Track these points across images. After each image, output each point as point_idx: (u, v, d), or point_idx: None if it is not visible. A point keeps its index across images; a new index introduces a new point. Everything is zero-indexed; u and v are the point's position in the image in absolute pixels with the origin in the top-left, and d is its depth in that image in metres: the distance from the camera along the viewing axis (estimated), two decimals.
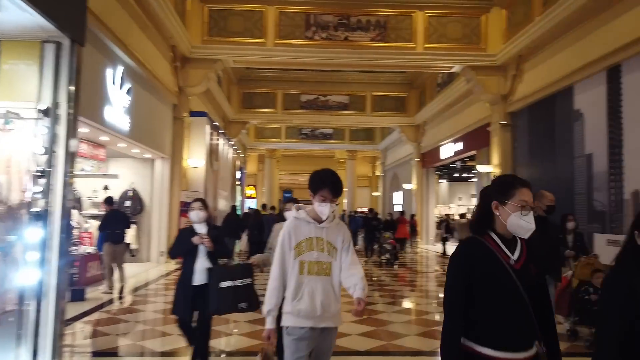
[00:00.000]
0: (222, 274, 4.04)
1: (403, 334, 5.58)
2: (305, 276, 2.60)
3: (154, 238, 12.49)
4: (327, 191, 2.62)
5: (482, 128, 14.54)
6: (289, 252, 2.64)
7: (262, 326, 2.67)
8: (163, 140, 12.16)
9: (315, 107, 21.42)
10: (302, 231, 2.66)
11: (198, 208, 4.35)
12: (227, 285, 3.97)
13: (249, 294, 4.07)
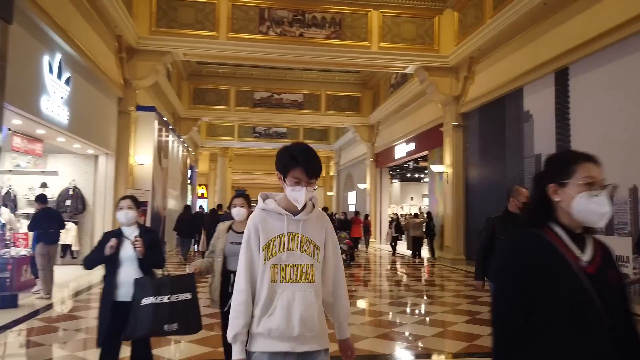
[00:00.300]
0: (144, 287, 3.26)
1: (361, 336, 5.43)
2: (279, 284, 1.96)
3: (97, 239, 11.75)
4: (301, 171, 1.97)
5: (435, 129, 14.72)
6: (257, 254, 1.99)
7: (218, 331, 2.38)
8: (107, 136, 11.50)
9: (269, 105, 21.09)
10: (272, 226, 2.02)
11: (127, 207, 3.58)
12: (148, 302, 3.18)
13: (184, 312, 3.26)
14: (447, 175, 13.35)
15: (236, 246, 3.30)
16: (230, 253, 3.55)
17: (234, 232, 3.68)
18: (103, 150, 11.42)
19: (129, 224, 3.60)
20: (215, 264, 3.65)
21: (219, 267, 3.59)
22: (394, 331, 5.55)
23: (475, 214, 12.50)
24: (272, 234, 2.00)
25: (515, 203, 4.23)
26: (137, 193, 11.82)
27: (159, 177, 13.98)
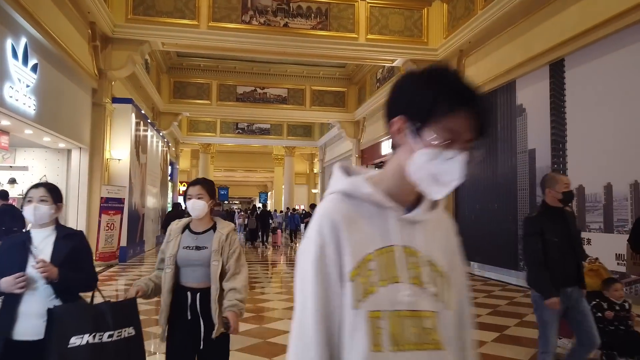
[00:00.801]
0: (71, 320, 2.24)
1: None
2: (389, 353, 0.96)
3: None
4: (468, 118, 1.05)
5: None
6: (338, 285, 1.00)
7: None
8: (80, 129, 10.85)
9: (252, 100, 20.53)
10: (366, 231, 1.04)
11: (38, 199, 2.42)
12: (81, 342, 2.19)
13: (128, 355, 2.36)
14: None
15: (192, 252, 2.67)
16: (184, 262, 2.66)
17: (190, 232, 2.76)
18: (76, 144, 10.77)
19: (42, 224, 2.46)
20: (164, 277, 2.68)
21: (169, 282, 2.63)
22: None
23: (463, 210, 12.18)
24: (366, 246, 1.02)
25: (553, 194, 3.38)
26: (114, 190, 11.23)
27: (137, 173, 13.36)
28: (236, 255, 2.71)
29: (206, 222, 2.78)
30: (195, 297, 2.62)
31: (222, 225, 2.78)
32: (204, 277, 2.64)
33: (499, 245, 10.40)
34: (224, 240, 2.69)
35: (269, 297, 7.43)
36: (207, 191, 2.76)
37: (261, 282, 9.35)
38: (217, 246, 2.65)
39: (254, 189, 49.94)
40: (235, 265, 2.69)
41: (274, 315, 6.19)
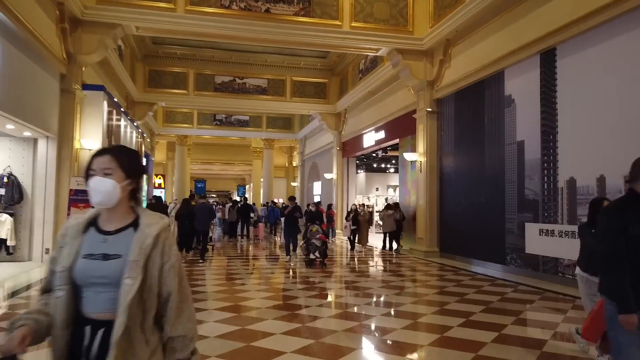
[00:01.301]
0: None
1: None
2: None
3: (37, 233, 10.49)
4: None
5: (406, 116, 14.08)
6: None
7: None
8: (47, 116, 10.18)
9: (231, 90, 19.95)
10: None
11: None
12: None
13: None
14: (420, 164, 12.73)
15: (97, 263, 1.64)
16: (85, 279, 1.65)
17: (97, 232, 1.74)
18: (42, 132, 10.10)
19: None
20: (54, 303, 1.65)
21: (63, 312, 1.62)
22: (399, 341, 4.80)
23: (449, 204, 11.94)
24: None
25: None
26: (83, 182, 10.59)
27: None
28: (175, 271, 1.68)
29: (122, 215, 1.75)
30: (95, 336, 1.61)
31: (150, 220, 1.73)
32: (113, 303, 1.60)
33: (486, 240, 10.18)
34: (149, 244, 1.66)
35: (250, 295, 7.03)
36: (121, 165, 1.73)
37: (242, 277, 8.91)
38: (138, 254, 1.63)
39: (231, 182, 49.20)
40: (178, 290, 1.68)
41: (256, 315, 5.79)
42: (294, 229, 11.43)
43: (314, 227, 10.59)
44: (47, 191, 10.55)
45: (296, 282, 8.25)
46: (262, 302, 6.40)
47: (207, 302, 6.36)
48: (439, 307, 6.17)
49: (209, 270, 9.65)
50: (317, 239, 10.28)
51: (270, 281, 8.57)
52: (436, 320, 5.47)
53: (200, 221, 11.50)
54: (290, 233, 11.39)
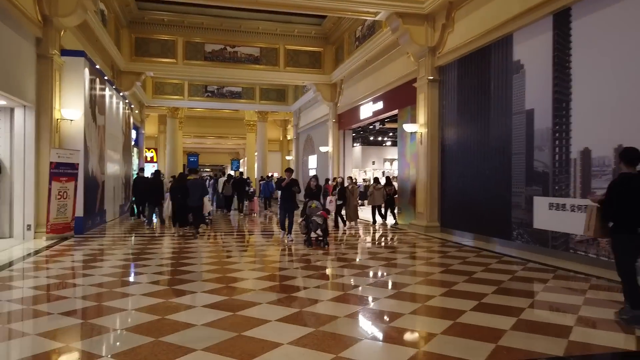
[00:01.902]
0: None
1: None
2: None
3: (17, 208, 9.90)
4: None
5: (406, 85, 13.44)
6: None
7: None
8: (23, 84, 9.47)
9: (222, 59, 19.11)
10: None
11: None
12: None
13: None
14: (420, 136, 12.17)
15: None
16: None
17: None
18: (18, 101, 9.41)
19: None
20: None
21: None
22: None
23: (451, 177, 11.44)
24: None
25: None
26: (65, 154, 9.99)
27: (94, 136, 12.05)
28: None
29: None
30: None
31: None
32: None
33: (491, 214, 9.72)
34: None
35: (243, 275, 6.55)
36: None
37: (235, 256, 8.43)
38: None
39: (225, 156, 48.47)
40: None
41: (249, 298, 5.31)
42: (290, 204, 10.21)
43: (313, 204, 9.55)
44: (26, 164, 9.93)
45: (292, 261, 7.75)
46: (256, 284, 5.91)
47: (196, 284, 5.86)
48: (447, 287, 5.70)
49: (202, 247, 9.16)
50: (318, 215, 9.27)
51: (265, 260, 8.07)
52: (447, 303, 5.00)
53: (193, 197, 11.02)
54: (286, 208, 10.24)
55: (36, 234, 9.97)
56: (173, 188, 11.73)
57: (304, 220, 9.66)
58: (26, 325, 4.28)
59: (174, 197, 11.37)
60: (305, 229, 9.56)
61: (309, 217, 9.42)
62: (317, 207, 9.46)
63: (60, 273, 6.67)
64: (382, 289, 5.70)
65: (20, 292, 5.51)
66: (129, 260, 7.74)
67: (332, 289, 5.73)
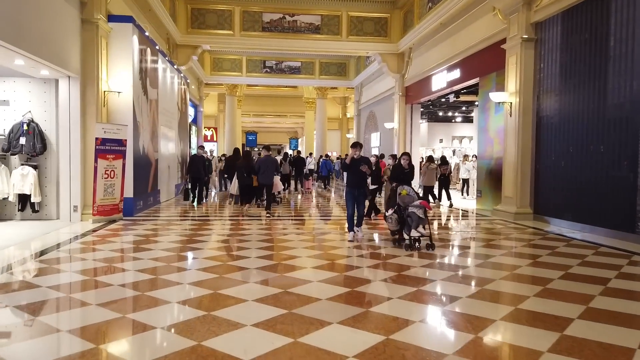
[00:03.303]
0: None
1: None
2: None
3: (64, 188, 9.23)
4: None
5: (491, 49, 11.58)
6: None
7: None
8: (66, 51, 8.64)
9: (280, 29, 17.84)
10: None
11: None
12: None
13: None
14: (509, 107, 10.35)
15: None
16: None
17: None
18: (61, 71, 8.61)
19: None
20: None
21: None
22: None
23: (549, 155, 9.59)
24: None
25: None
26: (112, 129, 9.15)
27: (145, 111, 11.20)
28: None
29: None
30: None
31: None
32: None
33: (607, 201, 7.89)
34: None
35: (306, 276, 5.33)
36: None
37: (296, 249, 7.23)
38: None
39: (284, 135, 47.80)
40: None
41: (314, 312, 4.06)
42: (360, 191, 7.61)
43: (404, 190, 7.00)
44: (72, 140, 9.19)
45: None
46: (322, 290, 4.65)
47: (247, 288, 4.68)
48: (583, 303, 4.17)
49: (264, 232, 8.06)
50: (417, 206, 6.65)
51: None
52: (591, 331, 3.50)
53: (265, 175, 10.71)
54: (354, 197, 7.55)
55: (83, 215, 9.27)
56: (239, 166, 11.31)
57: (394, 212, 7.01)
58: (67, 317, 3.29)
59: (241, 176, 11.06)
60: (397, 225, 7.00)
61: (404, 209, 6.82)
62: (410, 195, 6.97)
63: (95, 265, 5.72)
64: (495, 305, 4.25)
65: (57, 281, 4.65)
66: (181, 246, 6.73)
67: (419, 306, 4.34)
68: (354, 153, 7.53)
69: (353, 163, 7.45)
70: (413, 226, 6.61)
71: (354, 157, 7.46)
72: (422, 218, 6.62)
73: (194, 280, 4.92)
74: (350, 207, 7.55)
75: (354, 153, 7.53)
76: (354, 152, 7.53)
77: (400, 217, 6.91)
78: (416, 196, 7.00)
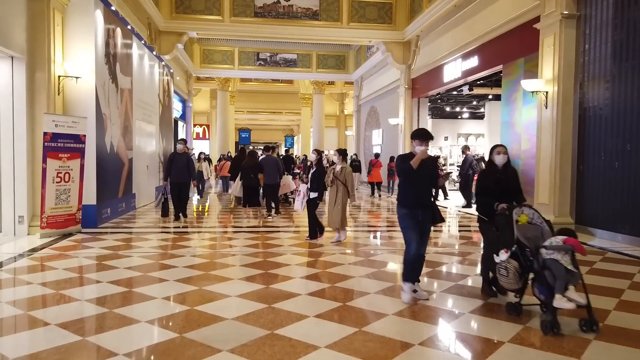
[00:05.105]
0: None
1: None
2: None
3: (6, 193, 7.53)
4: None
5: (518, 30, 9.97)
6: None
7: None
8: (6, 25, 6.95)
9: (274, 15, 16.16)
10: None
11: None
12: None
13: None
14: (544, 97, 8.72)
15: None
16: None
17: None
18: (1, 49, 6.90)
19: None
20: None
21: None
22: None
23: (597, 155, 7.96)
24: None
25: None
26: (65, 122, 7.45)
27: (113, 102, 9.50)
28: None
29: None
30: None
31: None
32: None
33: None
34: None
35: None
36: None
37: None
38: None
39: (279, 133, 46.09)
40: None
41: None
42: (428, 212, 4.42)
43: (522, 215, 4.05)
44: (15, 135, 7.48)
45: None
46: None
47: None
48: None
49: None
50: (559, 248, 3.70)
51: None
52: None
53: (269, 175, 9.98)
54: (419, 224, 4.37)
55: (31, 228, 7.57)
56: (245, 167, 10.33)
57: (511, 256, 3.99)
58: None
59: (247, 177, 10.16)
60: (518, 280, 3.95)
61: (533, 252, 3.85)
62: (535, 225, 4.07)
63: (7, 309, 4.04)
64: None
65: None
66: (141, 275, 5.07)
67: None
68: (422, 152, 4.25)
69: (421, 166, 4.24)
70: (557, 288, 3.59)
71: (424, 159, 4.26)
72: (573, 271, 3.65)
73: (151, 343, 3.27)
74: (413, 244, 4.32)
75: (421, 150, 4.26)
76: (423, 148, 4.28)
77: (526, 266, 3.92)
78: (546, 225, 4.06)
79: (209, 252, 6.57)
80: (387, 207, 13.16)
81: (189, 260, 5.89)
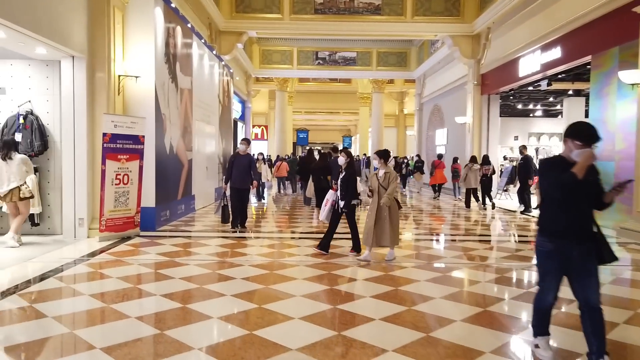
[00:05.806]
0: None
1: None
2: None
3: (67, 195, 7.42)
4: None
5: (611, 15, 8.84)
6: None
7: None
8: (67, 24, 6.82)
9: (335, 11, 15.65)
10: None
11: None
12: None
13: None
14: None
15: None
16: None
17: None
18: (61, 48, 6.78)
19: None
20: None
21: None
22: None
23: None
24: None
25: None
26: (125, 122, 7.23)
27: (173, 102, 9.31)
28: None
29: None
30: None
31: None
32: None
33: None
34: None
35: None
36: None
37: None
38: None
39: (336, 133, 45.62)
40: None
41: None
42: (584, 248, 3.02)
43: None
44: (76, 136, 7.36)
45: None
46: None
47: None
48: None
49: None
50: None
51: None
52: None
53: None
54: (570, 263, 3.04)
55: (90, 231, 7.43)
56: (315, 168, 10.41)
57: None
58: None
59: (318, 179, 10.08)
60: None
61: None
62: None
63: (55, 328, 3.71)
64: None
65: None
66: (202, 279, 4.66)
67: None
68: (587, 156, 2.94)
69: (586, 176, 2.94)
70: None
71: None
72: None
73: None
74: (549, 294, 3.17)
75: (585, 155, 2.94)
76: (588, 151, 2.95)
77: None
78: None
79: (268, 261, 6.10)
80: (452, 210, 12.25)
81: (247, 271, 5.42)
